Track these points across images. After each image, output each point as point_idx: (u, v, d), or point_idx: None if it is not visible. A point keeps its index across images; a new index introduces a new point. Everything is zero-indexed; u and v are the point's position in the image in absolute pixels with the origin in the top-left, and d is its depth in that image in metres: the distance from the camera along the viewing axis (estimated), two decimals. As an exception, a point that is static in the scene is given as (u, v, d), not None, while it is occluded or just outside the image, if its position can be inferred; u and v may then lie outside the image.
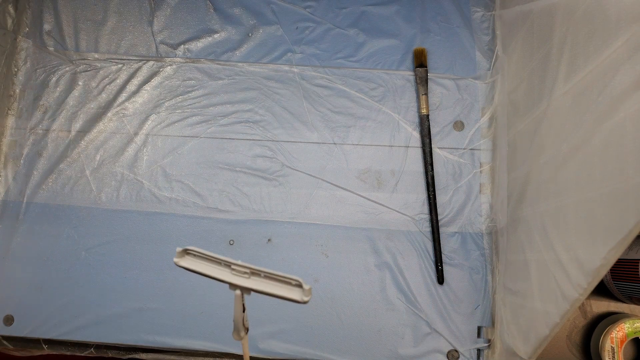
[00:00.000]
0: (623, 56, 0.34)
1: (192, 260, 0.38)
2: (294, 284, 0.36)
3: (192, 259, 0.38)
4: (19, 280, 0.63)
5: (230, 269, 0.37)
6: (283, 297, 0.36)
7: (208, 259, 0.38)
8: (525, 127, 0.53)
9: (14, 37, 0.68)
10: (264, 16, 0.68)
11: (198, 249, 0.39)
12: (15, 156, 0.66)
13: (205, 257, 0.38)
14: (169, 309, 0.61)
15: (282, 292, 0.36)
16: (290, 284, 0.36)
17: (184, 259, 0.38)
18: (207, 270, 0.38)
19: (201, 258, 0.38)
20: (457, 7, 0.68)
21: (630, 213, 0.31)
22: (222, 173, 0.65)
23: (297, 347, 0.60)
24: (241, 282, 0.37)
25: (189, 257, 0.38)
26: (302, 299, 0.35)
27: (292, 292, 0.36)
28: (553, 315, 0.42)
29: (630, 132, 0.32)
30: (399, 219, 0.63)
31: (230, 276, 0.37)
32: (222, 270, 0.38)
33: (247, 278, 0.37)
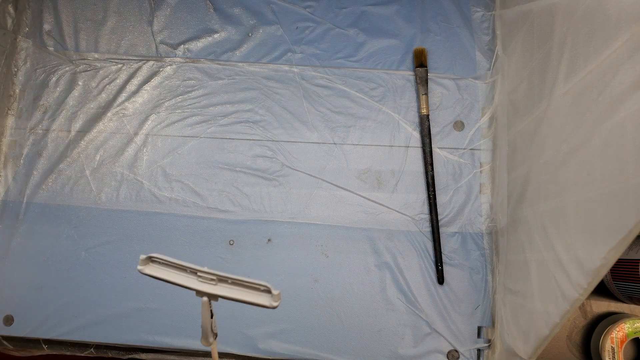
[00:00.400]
0: (623, 56, 0.34)
1: (157, 268, 0.38)
2: (263, 289, 0.35)
3: (157, 266, 0.38)
4: (19, 280, 0.63)
5: (196, 275, 0.37)
6: (251, 303, 0.35)
7: (173, 266, 0.38)
8: (525, 127, 0.53)
9: (14, 37, 0.68)
10: (264, 16, 0.68)
11: (162, 256, 0.38)
12: (15, 156, 0.66)
13: (170, 264, 0.38)
14: (169, 309, 0.61)
15: (250, 298, 0.36)
16: (259, 290, 0.35)
17: (149, 266, 0.38)
18: (173, 277, 0.38)
19: (166, 265, 0.38)
20: (457, 7, 0.68)
21: (630, 213, 0.31)
22: (222, 173, 0.65)
23: (297, 347, 0.60)
24: (208, 289, 0.37)
25: (153, 264, 0.38)
26: (271, 304, 0.35)
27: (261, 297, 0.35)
28: (553, 315, 0.42)
29: (630, 132, 0.32)
30: (399, 219, 0.63)
31: (197, 283, 0.37)
32: (188, 277, 0.37)
33: (214, 285, 0.36)
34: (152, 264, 0.38)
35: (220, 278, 0.36)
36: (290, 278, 0.62)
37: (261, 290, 0.35)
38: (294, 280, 0.62)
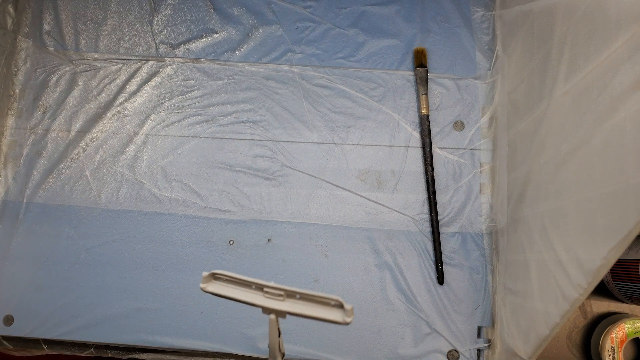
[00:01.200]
0: (623, 56, 0.34)
1: (220, 285, 0.36)
2: (334, 304, 0.33)
3: (220, 283, 0.36)
4: (19, 280, 0.63)
5: (262, 291, 0.35)
6: (323, 319, 0.33)
7: (237, 282, 0.35)
8: (525, 127, 0.53)
9: (14, 37, 0.68)
10: (264, 16, 0.68)
11: (226, 272, 0.36)
12: (15, 156, 0.66)
13: (234, 280, 0.35)
14: (169, 309, 0.61)
15: (321, 314, 0.33)
16: (330, 305, 0.33)
17: (212, 284, 0.36)
18: (238, 294, 0.35)
19: (230, 282, 0.36)
20: (457, 7, 0.68)
21: (630, 213, 0.31)
22: (222, 173, 0.65)
23: (297, 347, 0.60)
24: (276, 305, 0.35)
25: (217, 281, 0.36)
26: (345, 320, 0.32)
27: (332, 313, 0.33)
28: (553, 316, 0.42)
29: (630, 132, 0.32)
30: (399, 219, 0.63)
31: (264, 299, 0.35)
32: (254, 293, 0.35)
33: (281, 301, 0.35)
34: (215, 281, 0.36)
35: (289, 293, 0.34)
36: (290, 278, 0.62)
37: (332, 305, 0.33)
38: (294, 280, 0.62)
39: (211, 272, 0.35)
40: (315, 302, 0.34)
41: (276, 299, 0.34)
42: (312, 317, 0.33)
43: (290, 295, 0.34)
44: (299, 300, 0.34)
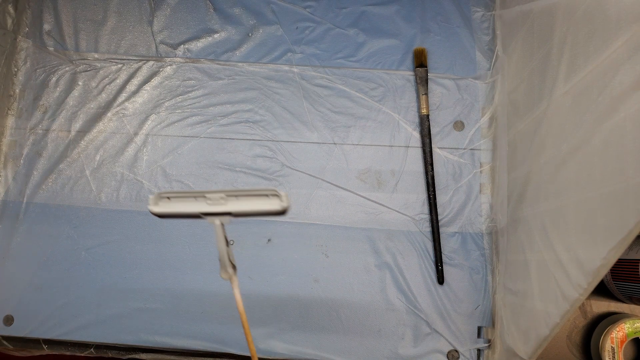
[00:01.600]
0: (623, 56, 0.34)
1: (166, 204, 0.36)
2: (270, 194, 0.34)
3: (166, 202, 0.36)
4: (19, 280, 0.63)
5: (205, 199, 0.35)
6: (263, 212, 0.34)
7: (182, 197, 0.36)
8: (525, 127, 0.53)
9: (14, 37, 0.68)
10: (264, 16, 0.68)
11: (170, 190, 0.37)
12: (15, 156, 0.66)
13: (179, 196, 0.36)
14: (169, 309, 0.61)
15: (261, 207, 0.34)
16: (267, 196, 0.35)
17: (158, 206, 0.36)
18: (183, 208, 0.35)
19: (175, 198, 0.36)
20: (457, 7, 0.68)
21: (630, 213, 0.31)
22: (222, 173, 0.65)
23: (297, 347, 0.60)
24: (220, 208, 0.35)
25: (163, 202, 0.36)
26: (282, 206, 0.34)
27: (270, 203, 0.35)
28: (553, 316, 0.42)
29: (630, 132, 0.32)
30: (399, 219, 0.63)
31: (208, 206, 0.35)
32: (198, 203, 0.36)
33: (224, 204, 0.35)
34: (161, 202, 0.36)
35: (229, 194, 0.35)
36: (290, 278, 0.62)
37: (269, 195, 0.35)
38: (294, 280, 0.62)
39: (157, 193, 0.36)
40: (253, 197, 0.35)
41: (218, 203, 0.35)
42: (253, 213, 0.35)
43: (231, 195, 0.35)
44: (239, 199, 0.35)
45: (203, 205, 0.35)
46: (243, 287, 0.63)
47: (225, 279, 0.37)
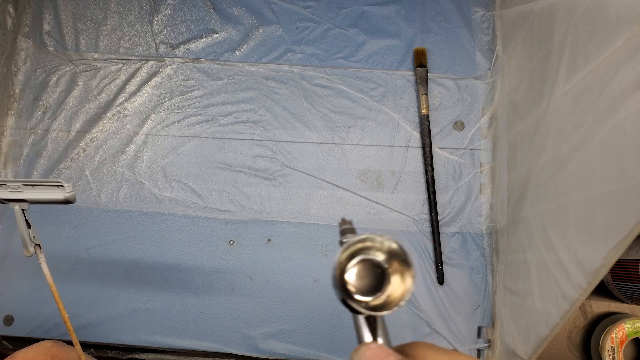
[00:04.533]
0: (623, 56, 0.34)
1: None
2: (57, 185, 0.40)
3: None
4: (19, 280, 0.63)
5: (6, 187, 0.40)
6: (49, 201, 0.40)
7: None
8: (525, 127, 0.53)
9: (14, 37, 0.68)
10: (264, 16, 0.68)
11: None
12: (15, 156, 0.66)
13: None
14: (169, 309, 0.61)
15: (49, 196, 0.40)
16: (56, 187, 0.40)
17: None
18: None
19: None
20: (457, 7, 0.68)
21: (630, 213, 0.31)
22: (222, 173, 0.65)
23: (297, 347, 0.60)
24: (16, 196, 0.40)
25: None
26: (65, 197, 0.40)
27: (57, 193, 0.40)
28: (553, 316, 0.42)
29: (630, 132, 0.32)
30: (399, 219, 0.63)
31: (7, 193, 0.40)
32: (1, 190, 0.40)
33: (21, 192, 0.40)
34: None
35: (25, 184, 0.40)
36: (290, 278, 0.62)
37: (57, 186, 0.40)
38: (294, 280, 0.62)
39: None
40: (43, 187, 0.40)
41: (17, 191, 0.40)
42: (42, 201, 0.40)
43: (27, 184, 0.40)
44: (33, 189, 0.40)
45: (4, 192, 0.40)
46: (243, 287, 0.63)
47: (29, 256, 0.42)
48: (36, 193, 0.40)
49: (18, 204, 0.40)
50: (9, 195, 0.40)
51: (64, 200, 0.40)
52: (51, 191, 0.40)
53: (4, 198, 0.40)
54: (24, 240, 0.41)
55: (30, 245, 0.42)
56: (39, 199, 0.40)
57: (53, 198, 0.40)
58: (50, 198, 0.40)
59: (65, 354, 0.35)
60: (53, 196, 0.40)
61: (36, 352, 0.34)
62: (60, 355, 0.34)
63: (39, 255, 0.43)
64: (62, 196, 0.40)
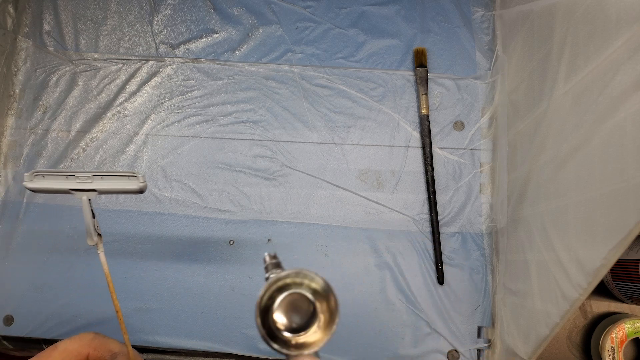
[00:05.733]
0: (623, 56, 0.34)
1: (40, 181, 0.41)
2: (130, 176, 0.41)
3: (40, 180, 0.41)
4: (19, 280, 0.63)
5: (75, 177, 0.41)
6: (123, 190, 0.42)
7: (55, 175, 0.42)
8: (525, 127, 0.53)
9: (14, 37, 0.68)
10: (264, 16, 0.68)
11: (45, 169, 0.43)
12: (15, 156, 0.66)
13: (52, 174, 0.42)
14: (169, 309, 0.61)
15: (122, 186, 0.42)
16: (128, 177, 0.41)
17: (33, 182, 0.41)
18: (55, 185, 0.41)
19: (49, 176, 0.42)
20: (457, 7, 0.68)
21: (630, 213, 0.31)
22: (222, 173, 0.65)
23: (297, 347, 0.60)
24: (85, 186, 0.41)
25: (38, 178, 0.41)
26: (139, 186, 0.41)
27: (131, 183, 0.42)
28: (553, 316, 0.42)
29: (630, 132, 0.32)
30: (399, 219, 0.63)
31: (76, 184, 0.41)
32: (69, 181, 0.41)
33: (90, 182, 0.41)
34: (36, 179, 0.41)
35: (95, 174, 0.41)
36: (290, 278, 0.62)
37: (129, 177, 0.42)
38: (294, 280, 0.62)
39: (32, 171, 0.41)
40: (116, 178, 0.42)
41: (86, 182, 0.41)
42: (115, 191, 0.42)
43: (97, 175, 0.41)
44: (103, 179, 0.41)
45: (72, 183, 0.41)
46: (243, 287, 0.63)
47: (92, 245, 0.43)
48: (108, 183, 0.41)
49: (86, 194, 0.41)
50: (78, 186, 0.41)
51: (138, 190, 0.42)
52: (125, 181, 0.42)
53: (74, 188, 0.41)
54: (89, 229, 0.42)
55: (95, 235, 0.43)
56: (113, 189, 0.41)
57: (128, 188, 0.42)
58: (125, 188, 0.42)
59: (106, 346, 0.36)
60: (127, 186, 0.42)
61: (79, 343, 0.35)
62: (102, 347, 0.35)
63: (98, 245, 0.44)
64: (137, 186, 0.42)
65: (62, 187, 0.41)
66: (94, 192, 0.41)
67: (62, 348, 0.35)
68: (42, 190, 0.41)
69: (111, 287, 0.44)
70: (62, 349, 0.35)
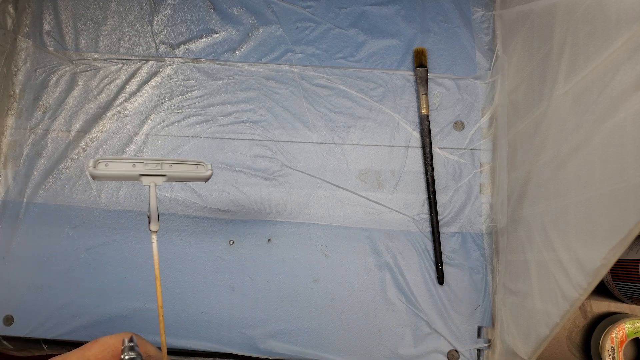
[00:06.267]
0: (623, 56, 0.34)
1: (105, 169, 0.42)
2: (197, 164, 0.43)
3: (104, 167, 0.42)
4: (19, 280, 0.63)
5: (143, 165, 0.42)
6: (191, 178, 0.43)
7: (121, 162, 0.42)
8: (525, 127, 0.53)
9: (14, 37, 0.68)
10: (264, 16, 0.68)
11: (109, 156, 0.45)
12: (15, 156, 0.66)
13: (117, 161, 0.42)
14: (169, 309, 0.61)
15: (189, 173, 0.43)
16: (194, 165, 0.43)
17: (98, 170, 0.41)
18: (122, 171, 0.42)
19: (114, 162, 0.42)
20: (457, 7, 0.68)
21: (630, 213, 0.31)
22: (222, 173, 0.65)
23: (297, 347, 0.60)
24: (154, 171, 0.42)
25: (101, 166, 0.42)
26: (206, 173, 0.43)
27: (197, 171, 0.43)
28: (553, 316, 0.42)
29: (630, 132, 0.32)
30: (399, 219, 0.63)
31: (145, 169, 0.42)
32: (137, 167, 0.42)
33: (159, 169, 0.42)
34: (100, 166, 0.42)
35: (164, 162, 0.42)
36: (290, 278, 0.62)
37: (196, 165, 0.43)
38: (294, 280, 0.62)
39: (96, 159, 0.41)
40: (183, 165, 0.43)
41: (154, 169, 0.42)
42: (182, 178, 0.43)
43: (166, 163, 0.42)
44: (171, 167, 0.42)
45: (141, 168, 0.42)
46: (243, 287, 0.63)
47: (155, 231, 0.42)
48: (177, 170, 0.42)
49: (154, 179, 0.42)
50: (148, 171, 0.41)
51: (206, 177, 0.43)
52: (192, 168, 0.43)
53: (144, 173, 0.41)
54: (153, 215, 0.42)
55: (158, 221, 0.42)
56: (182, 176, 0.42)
57: (197, 175, 0.43)
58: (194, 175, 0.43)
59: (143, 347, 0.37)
60: (196, 173, 0.43)
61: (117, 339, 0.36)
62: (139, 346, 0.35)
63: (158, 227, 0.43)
64: (206, 173, 0.43)
65: (131, 173, 0.41)
66: (164, 177, 0.42)
67: (103, 342, 0.36)
68: (110, 177, 0.42)
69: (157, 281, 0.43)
70: (102, 342, 0.36)
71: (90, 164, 0.41)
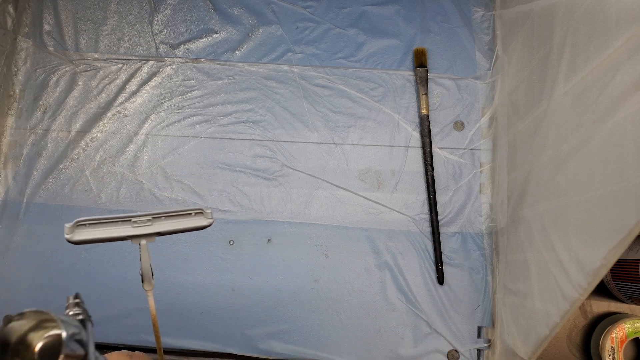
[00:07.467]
0: (623, 56, 0.34)
1: (87, 231, 0.36)
2: (195, 213, 0.37)
3: (85, 229, 0.36)
4: (19, 280, 0.62)
5: (130, 222, 0.37)
6: (189, 229, 0.37)
7: (104, 222, 0.36)
8: (525, 127, 0.53)
9: (14, 37, 0.68)
10: (264, 16, 0.68)
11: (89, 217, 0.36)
12: (15, 156, 0.66)
13: (100, 222, 0.36)
14: (169, 309, 0.61)
15: (187, 225, 0.37)
16: (192, 215, 0.37)
17: (77, 233, 0.36)
18: (107, 233, 0.36)
19: (96, 224, 0.36)
20: (457, 7, 0.68)
21: (630, 213, 0.31)
22: (222, 173, 0.65)
23: (297, 347, 0.60)
24: (145, 230, 0.37)
25: (81, 229, 0.36)
26: (208, 222, 0.37)
27: (196, 220, 0.37)
28: (553, 316, 0.42)
29: (630, 132, 0.32)
30: (399, 219, 0.63)
31: (133, 229, 0.36)
32: (123, 227, 0.37)
33: (150, 225, 0.37)
34: (79, 229, 0.36)
35: (155, 216, 0.36)
36: (290, 278, 0.62)
37: (194, 214, 0.37)
38: (294, 280, 0.62)
39: (75, 221, 0.35)
40: (179, 217, 0.37)
41: (145, 225, 0.36)
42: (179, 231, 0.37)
43: (157, 217, 0.36)
44: (165, 220, 0.37)
45: (128, 229, 0.36)
46: (243, 287, 0.63)
47: (148, 289, 0.39)
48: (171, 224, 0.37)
49: (146, 238, 0.37)
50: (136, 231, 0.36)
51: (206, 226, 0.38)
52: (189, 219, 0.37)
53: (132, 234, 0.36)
54: (147, 274, 0.38)
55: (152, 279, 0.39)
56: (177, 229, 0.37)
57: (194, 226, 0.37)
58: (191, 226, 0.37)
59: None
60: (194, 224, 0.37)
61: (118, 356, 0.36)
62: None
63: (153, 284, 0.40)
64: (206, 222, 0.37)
65: (117, 235, 0.36)
66: (156, 235, 0.37)
67: None
68: (91, 241, 0.36)
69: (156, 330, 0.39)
70: None
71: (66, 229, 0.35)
